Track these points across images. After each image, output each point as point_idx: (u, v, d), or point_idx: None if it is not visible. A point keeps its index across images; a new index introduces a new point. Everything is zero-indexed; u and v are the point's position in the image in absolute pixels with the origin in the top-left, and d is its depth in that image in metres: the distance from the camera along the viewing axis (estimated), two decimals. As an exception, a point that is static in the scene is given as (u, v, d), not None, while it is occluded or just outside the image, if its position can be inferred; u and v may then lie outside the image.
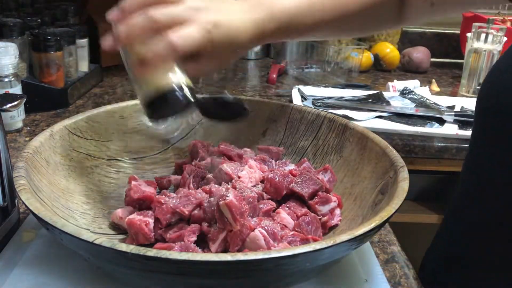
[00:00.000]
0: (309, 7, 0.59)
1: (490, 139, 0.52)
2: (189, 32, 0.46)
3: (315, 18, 0.60)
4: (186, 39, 0.46)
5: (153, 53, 0.45)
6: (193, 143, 0.66)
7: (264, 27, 0.55)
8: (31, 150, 0.52)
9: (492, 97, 0.50)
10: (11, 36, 0.90)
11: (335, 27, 0.65)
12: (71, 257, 0.49)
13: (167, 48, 0.45)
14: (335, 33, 0.71)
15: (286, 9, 0.57)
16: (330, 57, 1.35)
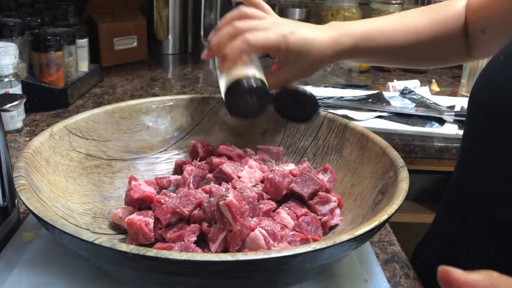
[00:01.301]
0: (383, 28, 0.65)
1: (481, 137, 0.52)
2: (264, 33, 0.54)
3: (387, 40, 0.65)
4: (260, 37, 0.55)
5: (231, 49, 0.54)
6: (193, 143, 0.66)
7: (340, 41, 0.61)
8: (31, 150, 0.52)
9: (483, 96, 0.51)
10: (11, 36, 0.90)
11: (405, 52, 0.68)
12: (71, 257, 0.49)
13: (242, 42, 0.53)
14: (405, 58, 0.72)
15: (360, 28, 0.64)
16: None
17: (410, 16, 0.69)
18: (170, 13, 1.49)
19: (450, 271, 0.27)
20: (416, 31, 0.67)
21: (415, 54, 0.70)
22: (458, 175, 0.58)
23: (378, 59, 0.70)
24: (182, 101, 0.70)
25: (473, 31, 0.68)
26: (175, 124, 0.70)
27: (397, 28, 0.67)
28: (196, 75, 1.34)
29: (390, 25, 0.67)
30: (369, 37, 0.63)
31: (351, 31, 0.62)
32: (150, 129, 0.68)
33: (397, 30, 0.67)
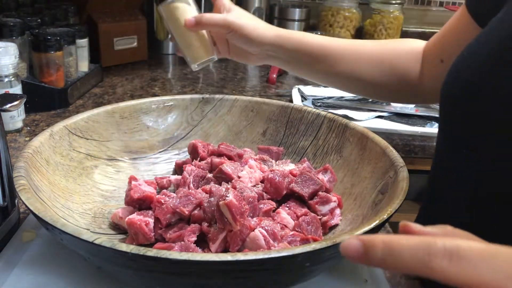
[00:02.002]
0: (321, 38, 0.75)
1: (453, 127, 0.54)
2: None
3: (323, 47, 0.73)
4: None
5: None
6: (193, 143, 0.66)
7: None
8: (31, 150, 0.52)
9: (452, 89, 0.53)
10: (11, 36, 0.90)
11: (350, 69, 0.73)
12: (71, 257, 0.49)
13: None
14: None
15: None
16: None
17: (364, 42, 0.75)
18: (170, 13, 1.49)
19: (409, 224, 0.29)
20: (364, 50, 0.73)
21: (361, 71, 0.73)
22: (434, 174, 0.59)
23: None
24: (182, 101, 0.70)
25: (432, 61, 0.70)
26: (175, 124, 0.70)
27: (345, 43, 0.74)
28: (196, 75, 1.34)
29: (338, 41, 0.75)
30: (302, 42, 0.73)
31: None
32: (150, 129, 0.68)
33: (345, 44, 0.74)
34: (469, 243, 0.25)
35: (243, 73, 1.39)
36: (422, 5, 1.77)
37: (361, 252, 0.27)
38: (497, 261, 0.25)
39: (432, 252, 0.25)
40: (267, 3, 1.52)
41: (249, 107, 0.71)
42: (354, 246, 0.27)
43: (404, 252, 0.26)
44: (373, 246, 0.27)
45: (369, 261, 0.27)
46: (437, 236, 0.26)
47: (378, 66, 0.72)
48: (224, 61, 1.52)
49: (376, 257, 0.27)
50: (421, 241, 0.26)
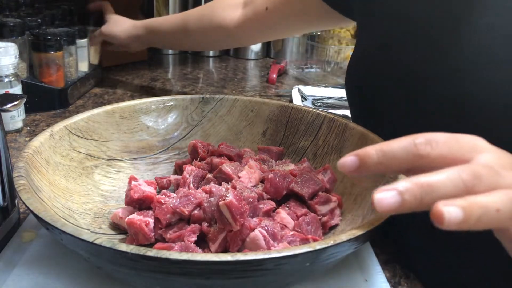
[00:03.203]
0: (162, 19, 1.00)
1: (360, 114, 0.63)
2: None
3: (161, 26, 0.98)
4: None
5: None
6: (193, 143, 0.66)
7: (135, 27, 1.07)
8: (31, 150, 0.52)
9: (355, 80, 0.61)
10: (11, 36, 0.90)
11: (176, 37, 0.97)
12: (71, 257, 0.49)
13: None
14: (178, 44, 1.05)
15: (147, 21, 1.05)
16: (330, 57, 1.35)
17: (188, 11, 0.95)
18: (170, 13, 1.49)
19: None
20: (183, 18, 0.92)
21: (186, 39, 0.95)
22: None
23: (163, 44, 1.13)
24: (182, 101, 0.70)
25: (254, 9, 0.82)
26: (175, 124, 0.70)
27: (170, 18, 0.95)
28: (196, 75, 1.34)
29: (167, 17, 0.97)
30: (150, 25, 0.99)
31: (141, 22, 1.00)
32: (150, 129, 0.68)
33: (170, 19, 0.95)
34: (438, 133, 0.32)
35: (243, 73, 1.39)
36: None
37: (358, 163, 0.31)
38: (460, 140, 0.32)
39: (417, 142, 0.31)
40: (267, 3, 1.52)
41: (249, 107, 0.71)
42: (351, 160, 0.32)
43: (395, 149, 0.31)
44: (367, 154, 0.31)
45: (367, 168, 0.32)
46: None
47: (201, 21, 0.89)
48: (224, 61, 1.52)
49: (373, 162, 0.32)
50: (405, 138, 0.31)
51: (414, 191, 0.29)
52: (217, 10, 0.87)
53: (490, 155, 0.32)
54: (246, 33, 0.86)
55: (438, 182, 0.29)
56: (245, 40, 0.96)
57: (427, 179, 0.29)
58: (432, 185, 0.29)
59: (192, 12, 0.92)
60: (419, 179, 0.30)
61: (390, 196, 0.30)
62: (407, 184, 0.30)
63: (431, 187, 0.29)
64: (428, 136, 0.32)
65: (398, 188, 0.30)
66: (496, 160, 0.32)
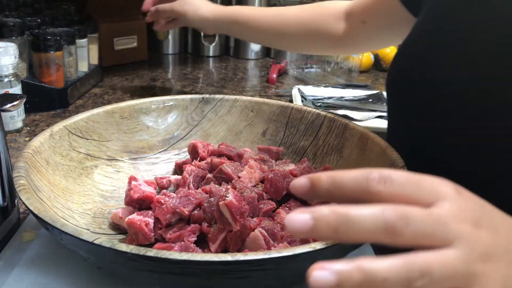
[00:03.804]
0: (253, 9, 0.95)
1: (399, 115, 0.61)
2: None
3: (252, 18, 0.92)
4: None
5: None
6: (193, 143, 0.66)
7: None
8: (31, 150, 0.52)
9: (395, 80, 0.59)
10: (11, 36, 0.90)
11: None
12: (71, 257, 0.49)
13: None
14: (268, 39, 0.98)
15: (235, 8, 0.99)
16: (330, 57, 1.35)
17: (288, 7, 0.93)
18: (170, 13, 1.49)
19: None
20: (277, 20, 0.90)
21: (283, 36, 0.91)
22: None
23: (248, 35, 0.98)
24: (182, 101, 0.70)
25: (353, 22, 0.83)
26: (175, 124, 0.70)
27: (267, 11, 0.92)
28: (196, 75, 1.34)
29: (255, 12, 0.93)
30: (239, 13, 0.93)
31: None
32: (150, 129, 0.68)
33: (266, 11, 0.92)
34: (397, 171, 0.30)
35: (243, 73, 1.39)
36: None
37: (308, 187, 0.30)
38: (421, 182, 0.29)
39: (370, 178, 0.29)
40: (267, 3, 1.52)
41: (249, 107, 0.71)
42: (302, 183, 0.30)
43: (346, 181, 0.29)
44: (319, 180, 0.30)
45: (316, 194, 0.30)
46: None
47: (306, 27, 0.88)
48: (224, 61, 1.52)
49: (322, 189, 0.30)
50: (359, 171, 0.29)
51: (329, 220, 0.27)
52: (320, 19, 0.88)
53: (450, 204, 0.29)
54: (351, 43, 0.88)
55: (357, 216, 0.27)
56: (351, 49, 0.98)
57: (347, 210, 0.27)
58: (350, 218, 0.27)
59: (288, 16, 0.91)
60: (339, 209, 0.28)
61: (301, 219, 0.27)
62: (324, 211, 0.28)
63: (348, 219, 0.27)
64: (385, 173, 0.29)
65: (314, 213, 0.28)
66: (455, 210, 0.28)
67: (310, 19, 0.88)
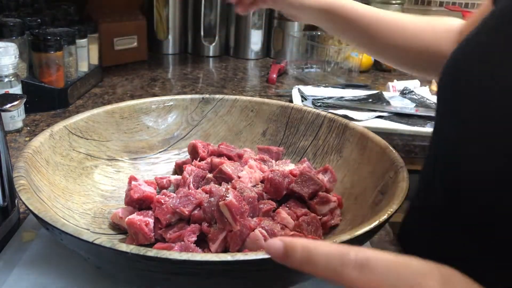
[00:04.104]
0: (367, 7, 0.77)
1: (451, 116, 0.54)
2: None
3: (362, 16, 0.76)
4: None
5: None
6: (193, 143, 0.66)
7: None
8: (31, 150, 0.52)
9: (451, 81, 0.53)
10: (11, 36, 0.90)
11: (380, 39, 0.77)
12: (71, 257, 0.49)
13: None
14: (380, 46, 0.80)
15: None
16: (330, 57, 1.35)
17: (405, 15, 0.78)
18: (170, 13, 1.50)
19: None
20: (406, 24, 0.76)
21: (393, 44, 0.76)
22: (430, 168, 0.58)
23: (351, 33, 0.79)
24: (182, 101, 0.70)
25: None
26: (175, 124, 0.70)
27: (382, 13, 0.77)
28: (196, 75, 1.34)
29: (378, 10, 0.77)
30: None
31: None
32: (150, 129, 0.68)
33: (381, 13, 0.77)
34: (378, 255, 0.27)
35: (243, 73, 1.39)
36: (422, 5, 1.77)
37: (282, 253, 0.28)
38: (402, 273, 0.26)
39: (345, 262, 0.26)
40: (267, 3, 1.52)
41: (249, 107, 0.71)
42: (277, 247, 0.28)
43: (320, 259, 0.27)
44: (293, 249, 0.28)
45: (289, 262, 0.28)
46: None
47: (416, 41, 0.75)
48: (224, 61, 1.52)
49: (295, 260, 0.28)
50: (336, 250, 0.27)
51: (295, 254, 0.28)
52: (433, 35, 0.77)
53: None
54: None
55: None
56: None
57: (310, 251, 0.28)
58: (312, 258, 0.27)
59: (398, 23, 0.78)
60: (305, 245, 0.28)
61: (276, 245, 0.29)
62: (293, 243, 0.28)
63: (311, 259, 0.28)
64: (363, 256, 0.27)
65: (283, 242, 0.28)
66: None
67: (423, 32, 0.76)
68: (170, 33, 1.52)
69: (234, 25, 1.54)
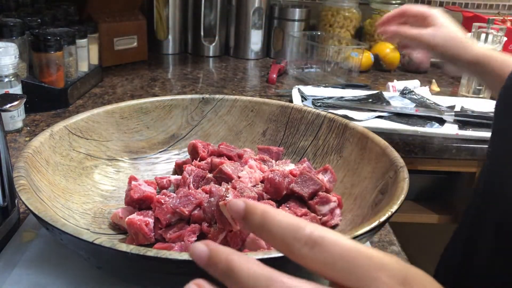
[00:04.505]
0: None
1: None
2: None
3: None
4: None
5: None
6: (193, 143, 0.66)
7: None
8: (31, 150, 0.52)
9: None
10: (11, 36, 0.90)
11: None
12: (71, 257, 0.49)
13: None
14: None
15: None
16: (330, 57, 1.35)
17: None
18: (170, 13, 1.49)
19: None
20: None
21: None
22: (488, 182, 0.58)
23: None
24: (182, 101, 0.70)
25: None
26: (175, 124, 0.70)
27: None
28: (196, 75, 1.34)
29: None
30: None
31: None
32: (150, 129, 0.68)
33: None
34: (338, 237, 0.24)
35: (243, 73, 1.39)
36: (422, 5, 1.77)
37: (241, 214, 0.27)
38: (359, 262, 0.24)
39: (298, 236, 0.25)
40: (267, 3, 1.52)
41: (249, 107, 0.71)
42: (238, 206, 0.27)
43: (275, 229, 0.26)
44: (253, 212, 0.27)
45: (247, 225, 0.27)
46: (313, 219, 0.26)
47: None
48: (224, 61, 1.52)
49: (253, 223, 0.27)
50: (293, 223, 0.25)
51: (217, 264, 0.27)
52: None
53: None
54: None
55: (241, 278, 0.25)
56: None
57: (233, 265, 0.25)
58: (234, 274, 0.26)
59: None
60: (229, 259, 0.26)
61: (200, 250, 0.27)
62: (217, 253, 0.27)
63: (232, 274, 0.26)
64: (318, 234, 0.25)
65: (207, 248, 0.27)
66: None
67: None
68: (170, 33, 1.52)
69: (234, 25, 1.54)
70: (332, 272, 0.24)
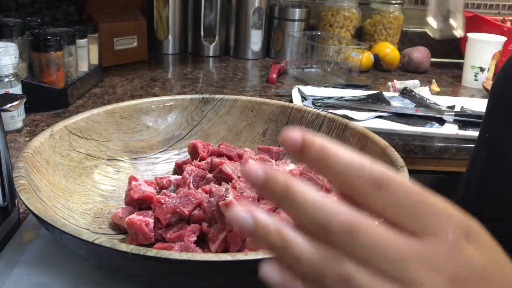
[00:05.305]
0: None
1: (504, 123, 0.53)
2: None
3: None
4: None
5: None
6: (193, 143, 0.66)
7: None
8: (31, 150, 0.52)
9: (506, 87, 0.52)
10: (11, 36, 0.90)
11: None
12: (71, 257, 0.49)
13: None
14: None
15: None
16: (330, 57, 1.35)
17: None
18: (170, 13, 1.49)
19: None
20: None
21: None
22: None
23: None
24: (182, 101, 0.70)
25: None
26: (175, 124, 0.70)
27: None
28: (196, 75, 1.34)
29: None
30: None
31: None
32: (150, 129, 0.68)
33: None
34: (404, 181, 0.23)
35: (243, 73, 1.39)
36: (422, 5, 1.76)
37: (298, 147, 0.25)
38: (425, 208, 0.23)
39: (364, 174, 0.23)
40: (267, 3, 1.52)
41: (249, 107, 0.71)
42: (295, 139, 0.25)
43: (338, 166, 0.24)
44: (310, 146, 0.25)
45: (303, 159, 0.25)
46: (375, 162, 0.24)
47: None
48: (224, 61, 1.52)
49: (310, 158, 0.25)
50: (357, 161, 0.24)
51: (268, 232, 0.24)
52: None
53: (438, 246, 0.23)
54: None
55: (296, 251, 0.23)
56: None
57: (289, 238, 0.23)
58: (288, 246, 0.23)
59: None
60: (283, 230, 0.24)
61: (243, 217, 0.25)
62: (268, 222, 0.24)
63: (286, 245, 0.24)
64: (385, 175, 0.23)
65: (255, 218, 0.24)
66: (436, 255, 0.22)
67: None
68: (170, 33, 1.52)
69: (234, 25, 1.54)
70: (395, 216, 0.23)
